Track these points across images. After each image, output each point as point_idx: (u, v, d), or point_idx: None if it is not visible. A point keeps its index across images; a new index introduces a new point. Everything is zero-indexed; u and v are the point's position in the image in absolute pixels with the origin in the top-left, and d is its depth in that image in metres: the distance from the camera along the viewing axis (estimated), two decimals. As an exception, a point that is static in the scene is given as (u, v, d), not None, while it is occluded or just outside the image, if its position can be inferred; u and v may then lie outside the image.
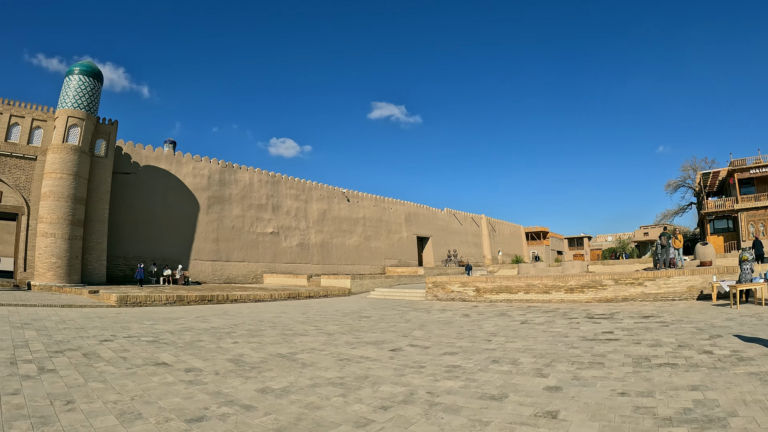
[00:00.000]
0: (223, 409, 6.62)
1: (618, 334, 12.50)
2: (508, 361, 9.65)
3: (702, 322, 14.06)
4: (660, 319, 14.91)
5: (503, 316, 17.44)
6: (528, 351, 10.76)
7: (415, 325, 15.84)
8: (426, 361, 9.89)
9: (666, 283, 20.56)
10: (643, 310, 17.52)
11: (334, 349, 11.50)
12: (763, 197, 48.92)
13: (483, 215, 72.96)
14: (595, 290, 21.09)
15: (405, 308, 21.43)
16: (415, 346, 11.88)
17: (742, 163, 50.99)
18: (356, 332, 14.43)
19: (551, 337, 12.51)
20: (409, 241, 55.87)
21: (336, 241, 47.54)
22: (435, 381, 8.18)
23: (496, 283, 23.52)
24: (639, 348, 10.60)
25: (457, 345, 11.83)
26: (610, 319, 15.54)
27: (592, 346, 11.12)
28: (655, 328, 13.34)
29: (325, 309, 21.84)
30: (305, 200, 45.83)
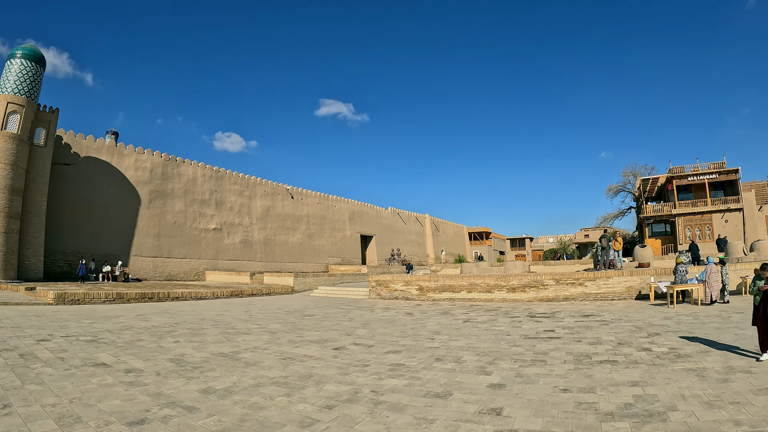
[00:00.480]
0: (165, 411, 6.46)
1: (559, 333, 12.76)
2: (451, 360, 9.74)
3: (640, 320, 14.51)
4: (600, 318, 15.32)
5: (446, 314, 17.58)
6: (471, 349, 10.87)
7: (358, 323, 15.84)
8: (370, 360, 9.89)
9: (606, 283, 21.12)
10: (584, 309, 17.97)
11: (277, 348, 11.39)
12: (700, 203, 51.17)
13: (427, 215, 73.46)
14: (537, 290, 21.49)
15: (348, 307, 21.39)
16: (359, 344, 11.87)
17: (681, 171, 53.00)
18: (299, 331, 14.33)
19: (494, 336, 12.67)
20: (352, 240, 55.79)
21: (279, 239, 47.01)
22: (379, 379, 8.19)
23: (439, 282, 23.69)
24: (580, 346, 10.85)
25: (401, 343, 11.87)
26: (551, 317, 15.87)
27: (534, 344, 11.32)
28: (596, 326, 13.69)
29: (268, 307, 21.59)
30: (249, 196, 45.13)
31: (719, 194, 52.84)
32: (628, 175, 67.20)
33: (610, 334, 12.30)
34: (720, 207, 49.97)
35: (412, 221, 69.21)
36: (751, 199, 51.33)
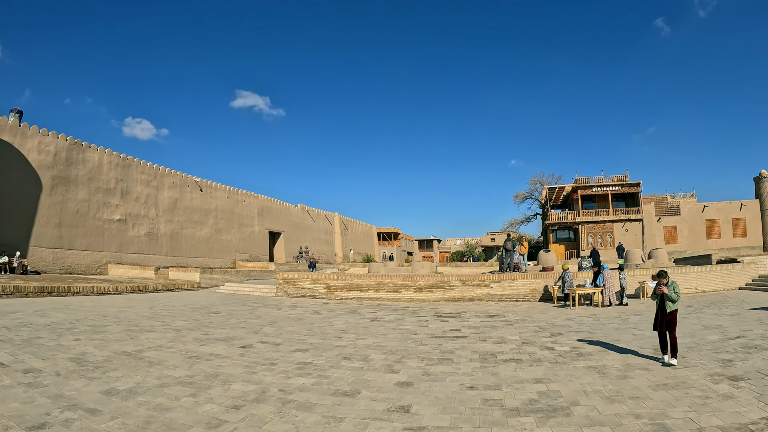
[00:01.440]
0: (66, 414, 6.11)
1: (465, 332, 13.03)
2: (359, 358, 9.77)
3: (544, 321, 15.08)
4: (505, 318, 15.77)
5: (354, 313, 17.62)
6: (379, 348, 10.94)
7: (265, 321, 15.62)
8: (277, 358, 9.76)
9: (511, 285, 21.78)
10: (489, 309, 18.44)
11: (182, 346, 11.04)
12: (603, 212, 53.91)
13: (336, 213, 73.29)
14: (444, 290, 21.88)
15: (255, 304, 21.06)
16: (266, 342, 11.70)
17: (586, 181, 55.60)
18: (205, 328, 13.96)
19: (401, 335, 12.79)
20: (261, 236, 54.81)
21: (186, 233, 45.49)
22: (287, 378, 8.10)
23: (347, 281, 23.73)
24: (486, 345, 11.14)
25: (309, 342, 11.80)
26: (457, 317, 16.18)
27: (441, 343, 11.52)
28: (501, 326, 14.09)
29: (173, 303, 20.93)
30: (157, 187, 43.35)
31: (621, 205, 55.95)
32: (536, 183, 69.94)
33: (515, 333, 12.71)
34: (621, 217, 52.82)
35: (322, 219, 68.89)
36: (651, 211, 54.53)
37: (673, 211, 56.98)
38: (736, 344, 10.65)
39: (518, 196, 72.40)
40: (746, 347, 10.26)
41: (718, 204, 55.90)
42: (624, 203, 56.21)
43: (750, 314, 15.42)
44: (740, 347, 10.28)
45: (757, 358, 9.20)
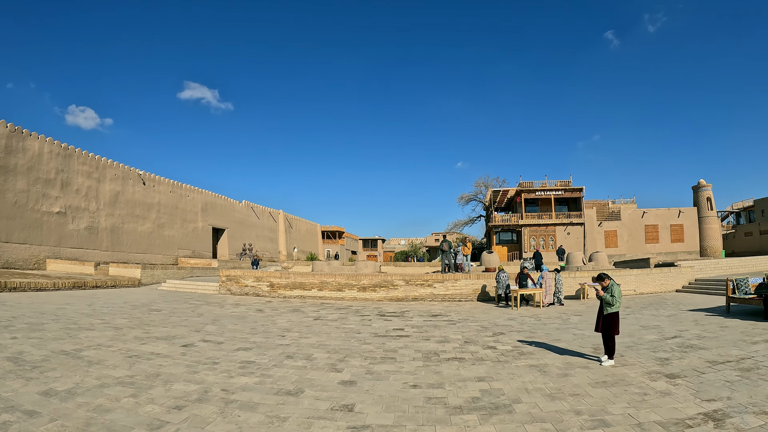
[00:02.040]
0: (3, 417, 5.83)
1: (409, 331, 13.08)
2: (302, 357, 9.68)
3: (486, 321, 15.27)
4: (448, 318, 15.89)
5: (297, 312, 17.46)
6: (322, 347, 10.87)
7: (208, 319, 15.32)
8: (220, 357, 9.58)
9: (454, 285, 21.96)
10: (432, 309, 18.56)
11: (122, 345, 10.70)
12: (545, 216, 55.02)
13: (281, 211, 72.54)
14: (387, 290, 21.90)
15: (198, 302, 20.64)
16: (209, 341, 11.47)
17: (530, 185, 56.66)
18: (146, 327, 13.57)
19: (344, 334, 12.74)
20: (204, 232, 53.74)
21: (128, 227, 44.11)
22: (230, 377, 7.97)
23: (291, 279, 23.50)
24: (429, 344, 11.20)
25: (251, 340, 11.63)
26: (401, 317, 16.23)
27: (384, 342, 11.52)
28: (444, 325, 14.20)
29: (113, 301, 20.29)
30: (98, 179, 41.88)
31: (564, 209, 57.22)
32: (480, 186, 71.01)
33: (458, 333, 12.82)
34: (564, 221, 53.98)
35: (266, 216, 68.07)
36: (592, 216, 55.97)
37: (614, 216, 58.62)
38: (673, 344, 10.97)
39: (463, 198, 73.45)
40: (682, 346, 10.58)
41: (657, 210, 57.82)
42: (567, 207, 57.51)
43: (686, 315, 15.94)
44: (677, 346, 10.60)
45: (692, 356, 9.51)
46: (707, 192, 55.54)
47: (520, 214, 54.52)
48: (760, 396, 6.73)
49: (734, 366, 8.60)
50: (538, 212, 55.93)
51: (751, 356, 9.40)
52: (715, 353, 9.80)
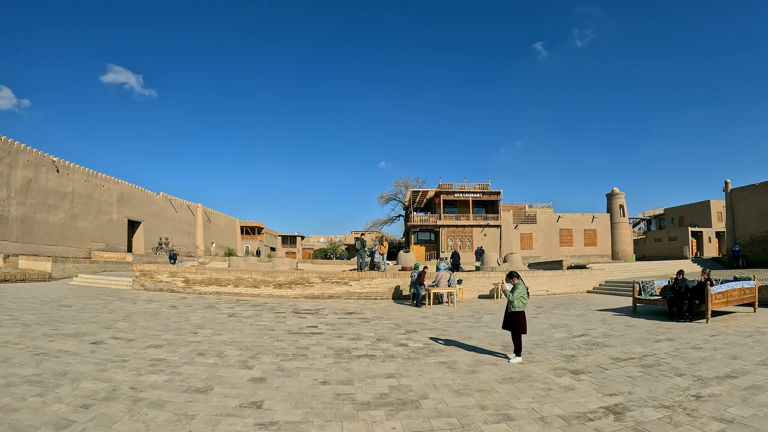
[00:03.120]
0: None
1: (322, 329, 13.05)
2: (214, 354, 9.51)
3: (400, 319, 15.44)
4: (362, 316, 15.98)
5: (212, 308, 17.12)
6: (234, 344, 10.71)
7: (119, 315, 14.78)
8: (130, 355, 9.28)
9: (369, 283, 22.05)
10: (348, 307, 18.59)
11: (30, 342, 10.19)
12: (463, 217, 55.97)
13: (199, 204, 70.58)
14: (303, 287, 21.77)
15: (110, 297, 19.89)
16: (119, 338, 11.07)
17: (449, 187, 57.51)
18: (56, 323, 12.96)
19: (258, 331, 12.59)
20: (119, 225, 51.56)
21: (40, 217, 41.72)
22: (139, 375, 7.72)
23: (206, 275, 23.01)
24: (341, 341, 11.22)
25: (163, 338, 11.31)
26: (315, 314, 16.18)
27: (297, 339, 11.45)
28: (357, 323, 14.27)
29: (21, 296, 19.27)
30: (10, 164, 39.37)
31: (482, 211, 58.46)
32: (400, 186, 71.49)
33: (371, 330, 12.91)
34: (481, 222, 55.11)
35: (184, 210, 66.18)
36: (509, 218, 57.42)
37: (531, 219, 60.25)
38: (580, 341, 11.38)
39: (383, 197, 73.74)
40: (589, 344, 11.00)
41: (572, 215, 59.86)
42: (484, 210, 58.69)
43: (594, 315, 16.55)
44: (583, 344, 11.01)
45: (598, 353, 9.90)
46: (620, 199, 57.84)
47: (438, 214, 55.28)
48: (660, 390, 7.08)
49: (637, 363, 9.02)
50: (456, 213, 56.82)
51: (654, 353, 9.88)
52: (619, 351, 10.24)
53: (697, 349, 10.19)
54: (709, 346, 10.48)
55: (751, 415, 5.91)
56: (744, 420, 5.75)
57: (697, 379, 7.67)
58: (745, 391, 6.93)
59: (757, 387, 7.13)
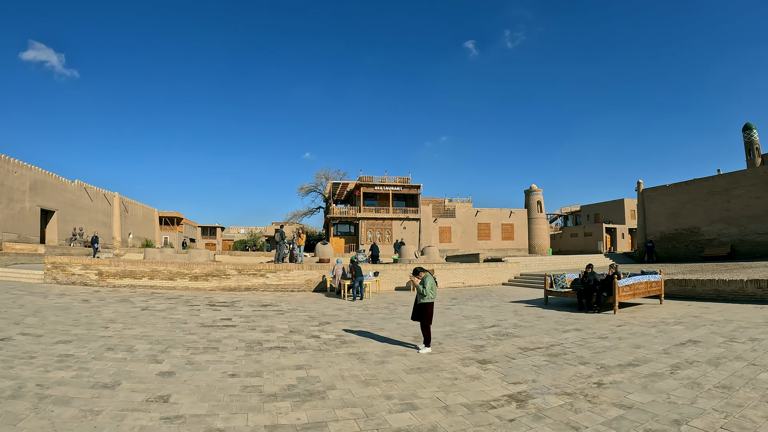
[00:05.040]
0: None
1: (236, 321, 12.92)
2: (124, 349, 9.24)
3: (315, 311, 15.46)
4: (277, 308, 15.91)
5: (125, 302, 16.61)
6: (145, 338, 10.44)
7: (29, 311, 14.08)
8: (38, 351, 8.88)
9: (287, 275, 21.95)
10: (264, 299, 18.47)
11: None
12: (383, 210, 56.31)
13: (116, 193, 67.70)
14: (220, 279, 21.45)
15: (20, 291, 18.94)
16: (27, 334, 10.57)
17: (369, 180, 57.68)
18: (-40, 321, 12.35)
19: (170, 324, 12.33)
20: (32, 214, 48.86)
21: None
22: (46, 372, 7.42)
23: (121, 267, 22.26)
24: (254, 334, 11.14)
25: (73, 333, 10.88)
26: (230, 306, 15.99)
27: (210, 332, 11.29)
28: (272, 315, 14.21)
29: None
30: None
31: (402, 204, 59.00)
32: (321, 178, 71.05)
33: (285, 322, 12.89)
34: (401, 216, 55.57)
35: (100, 199, 63.55)
36: (428, 212, 58.07)
37: (450, 213, 61.21)
38: (490, 332, 11.67)
39: (303, 189, 73.06)
40: (499, 335, 11.29)
41: (490, 210, 61.18)
42: (404, 203, 59.30)
43: (507, 306, 17.00)
44: (493, 335, 11.29)
45: (506, 344, 10.18)
46: (538, 196, 59.56)
47: (358, 207, 55.42)
48: (564, 379, 7.33)
49: (544, 352, 9.31)
50: (376, 206, 57.16)
51: (561, 343, 10.23)
52: (527, 341, 10.56)
53: (603, 339, 10.60)
54: (614, 336, 10.92)
55: (650, 401, 6.18)
56: (643, 406, 6.01)
57: (600, 368, 7.98)
58: (645, 379, 7.25)
59: (658, 374, 7.46)
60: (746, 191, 34.81)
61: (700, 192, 38.21)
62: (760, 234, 33.57)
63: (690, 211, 38.80)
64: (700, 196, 38.13)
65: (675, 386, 6.81)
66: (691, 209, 38.78)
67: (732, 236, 35.50)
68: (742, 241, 34.73)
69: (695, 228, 38.29)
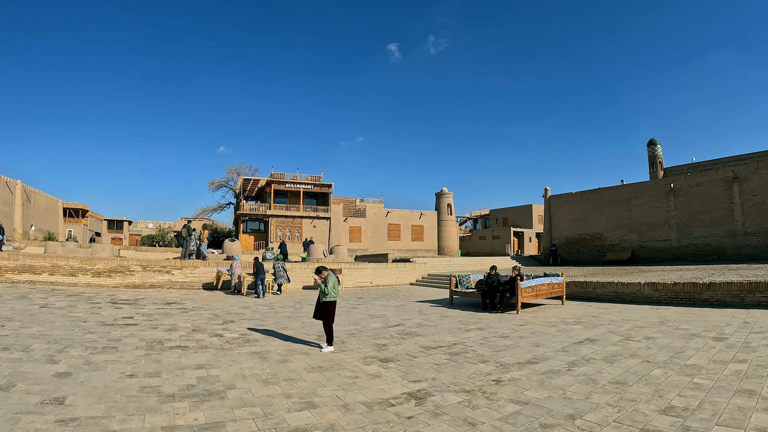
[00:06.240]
0: None
1: (138, 320, 12.54)
2: (19, 348, 8.78)
3: (220, 309, 15.26)
4: (182, 306, 15.57)
5: (23, 299, 15.73)
6: (43, 337, 9.96)
7: None
8: (-76, 356, 8.38)
9: (193, 272, 21.53)
10: (168, 296, 18.02)
11: None
12: (293, 208, 55.95)
13: (18, 181, 63.41)
14: (124, 275, 20.73)
15: None
16: None
17: (281, 177, 57.15)
18: None
19: (69, 323, 11.80)
20: None
21: None
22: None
23: (20, 261, 21.02)
24: (156, 332, 10.86)
25: (-37, 333, 10.32)
26: (133, 304, 15.49)
27: (110, 331, 10.91)
28: (176, 314, 13.89)
29: None
30: None
31: (313, 203, 58.91)
32: (233, 173, 69.59)
33: (188, 321, 12.65)
34: (311, 214, 55.42)
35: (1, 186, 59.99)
36: (339, 211, 58.20)
37: (360, 213, 61.54)
38: (394, 331, 11.85)
39: (214, 183, 71.28)
40: (402, 334, 11.49)
41: (401, 211, 61.92)
42: (315, 201, 59.21)
43: (413, 306, 17.28)
44: (397, 334, 11.48)
45: (409, 342, 10.37)
46: (448, 198, 60.77)
47: (269, 204, 54.84)
48: (463, 376, 7.53)
49: (445, 351, 9.53)
50: (287, 204, 56.74)
51: (463, 342, 10.50)
52: (430, 339, 10.79)
53: (504, 338, 10.95)
54: (515, 335, 11.30)
55: (546, 397, 6.43)
56: (539, 402, 6.24)
57: (500, 365, 8.23)
58: (543, 376, 7.52)
59: (555, 371, 7.77)
60: (647, 201, 37.31)
61: (604, 200, 40.53)
62: (659, 241, 35.99)
63: (594, 218, 41.04)
64: (603, 204, 40.45)
65: (571, 382, 7.12)
66: (594, 216, 41.02)
67: (632, 242, 37.82)
68: (642, 247, 37.08)
69: (598, 234, 40.46)
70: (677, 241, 35.06)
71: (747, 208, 31.70)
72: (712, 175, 34.37)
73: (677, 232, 35.10)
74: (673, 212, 35.54)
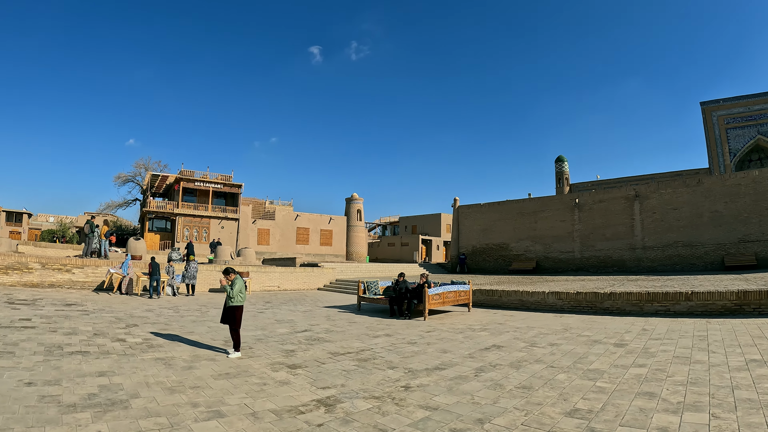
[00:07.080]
0: None
1: (36, 322, 11.91)
2: None
3: (123, 311, 14.72)
4: (83, 308, 14.92)
5: None
6: (-73, 342, 9.35)
7: None
8: None
9: (95, 272, 20.67)
10: (69, 297, 17.20)
11: None
12: (202, 207, 54.62)
13: None
14: (21, 273, 19.57)
15: None
16: None
17: (190, 174, 55.65)
18: None
19: (-41, 325, 11.15)
20: None
21: None
22: None
23: None
24: (55, 336, 10.35)
25: None
26: (32, 305, 14.69)
27: (6, 334, 10.30)
28: (76, 316, 13.30)
29: None
30: None
31: (222, 203, 57.69)
32: (140, 168, 66.75)
33: (89, 324, 12.14)
34: (220, 214, 54.33)
35: None
36: (248, 213, 57.40)
37: (269, 215, 60.91)
38: (302, 337, 11.82)
39: (120, 178, 67.97)
40: (310, 339, 11.48)
41: (310, 215, 61.78)
42: (225, 201, 58.00)
43: (321, 311, 17.26)
44: (305, 339, 11.45)
45: (317, 348, 10.36)
46: (358, 204, 60.86)
47: (177, 202, 53.33)
48: (372, 383, 7.57)
49: (354, 357, 9.57)
50: (196, 203, 55.37)
51: (371, 348, 10.57)
52: (338, 345, 10.81)
53: (412, 344, 11.07)
54: (423, 341, 11.44)
55: (455, 402, 6.54)
56: (448, 407, 6.34)
57: (408, 371, 8.32)
58: (451, 381, 7.64)
59: (463, 377, 7.91)
60: (552, 214, 38.96)
61: (511, 212, 41.92)
62: (563, 252, 37.66)
63: (501, 229, 42.35)
64: (510, 216, 41.81)
65: (479, 388, 7.26)
66: (501, 227, 42.32)
67: (537, 253, 39.33)
68: (547, 257, 38.65)
69: (505, 244, 41.78)
70: (580, 252, 36.81)
71: (646, 225, 33.79)
72: (615, 192, 36.56)
73: (580, 245, 36.86)
74: (577, 226, 37.31)
